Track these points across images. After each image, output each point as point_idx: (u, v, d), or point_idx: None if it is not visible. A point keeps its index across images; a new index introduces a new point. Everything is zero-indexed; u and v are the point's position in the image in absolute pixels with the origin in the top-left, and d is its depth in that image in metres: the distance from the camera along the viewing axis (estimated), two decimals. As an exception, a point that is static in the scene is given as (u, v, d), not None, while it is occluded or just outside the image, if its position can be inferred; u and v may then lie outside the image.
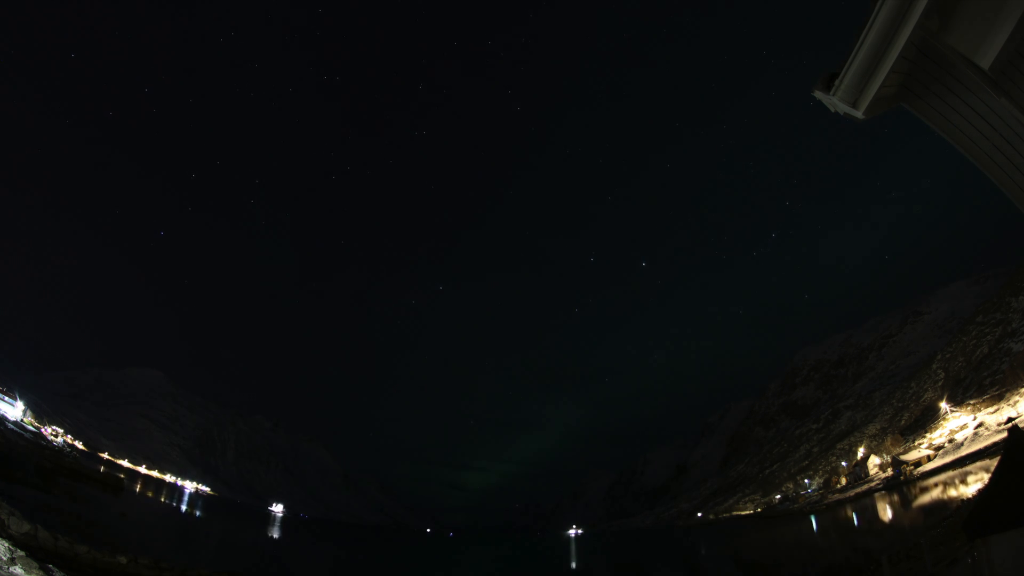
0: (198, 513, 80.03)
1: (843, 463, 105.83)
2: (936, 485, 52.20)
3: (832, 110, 4.49)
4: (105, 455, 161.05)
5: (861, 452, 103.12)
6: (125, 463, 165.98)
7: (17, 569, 13.26)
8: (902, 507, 50.82)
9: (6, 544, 14.63)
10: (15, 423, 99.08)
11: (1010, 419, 58.94)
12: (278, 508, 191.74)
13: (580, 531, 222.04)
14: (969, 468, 52.24)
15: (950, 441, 68.89)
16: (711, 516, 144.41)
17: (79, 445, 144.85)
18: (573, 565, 61.51)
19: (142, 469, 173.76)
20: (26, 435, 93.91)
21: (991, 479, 12.20)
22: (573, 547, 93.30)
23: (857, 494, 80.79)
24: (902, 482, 68.36)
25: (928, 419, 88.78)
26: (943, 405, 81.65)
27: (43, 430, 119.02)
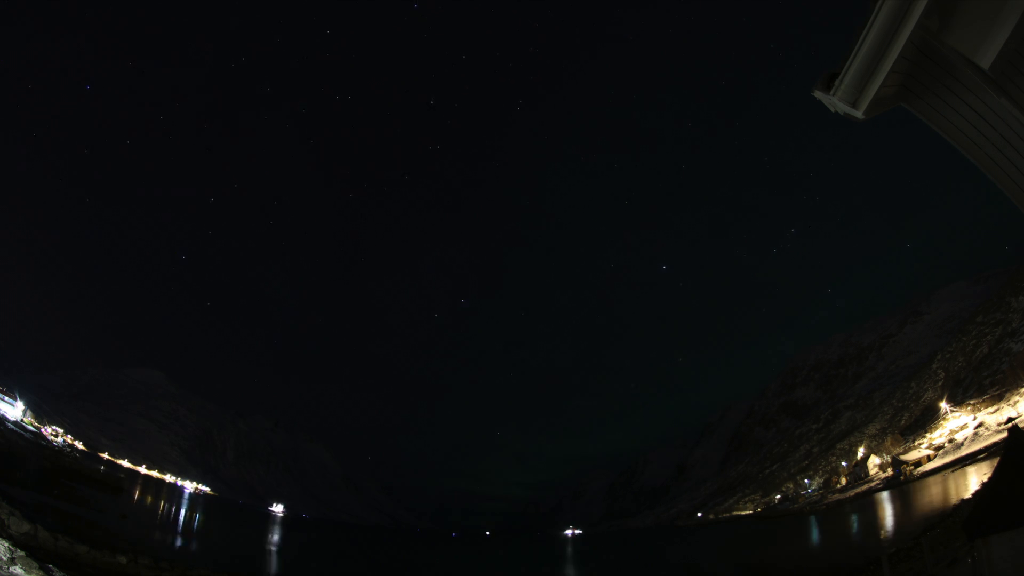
0: (198, 513, 80.00)
1: (843, 463, 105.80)
2: (936, 485, 52.14)
3: (832, 110, 4.48)
4: (105, 455, 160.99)
5: (861, 452, 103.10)
6: (125, 463, 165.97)
7: (17, 569, 13.25)
8: (902, 507, 50.77)
9: (6, 544, 14.63)
10: (15, 423, 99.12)
11: (1010, 419, 58.93)
12: (278, 508, 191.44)
13: (578, 531, 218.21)
14: (969, 468, 52.19)
15: (950, 441, 68.87)
16: (711, 516, 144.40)
17: (79, 445, 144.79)
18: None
19: (142, 469, 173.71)
20: (26, 435, 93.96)
21: (991, 479, 12.19)
22: (569, 552, 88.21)
23: (857, 494, 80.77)
24: (902, 482, 68.34)
25: (928, 419, 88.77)
26: (943, 405, 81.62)
27: (43, 430, 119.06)
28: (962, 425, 70.03)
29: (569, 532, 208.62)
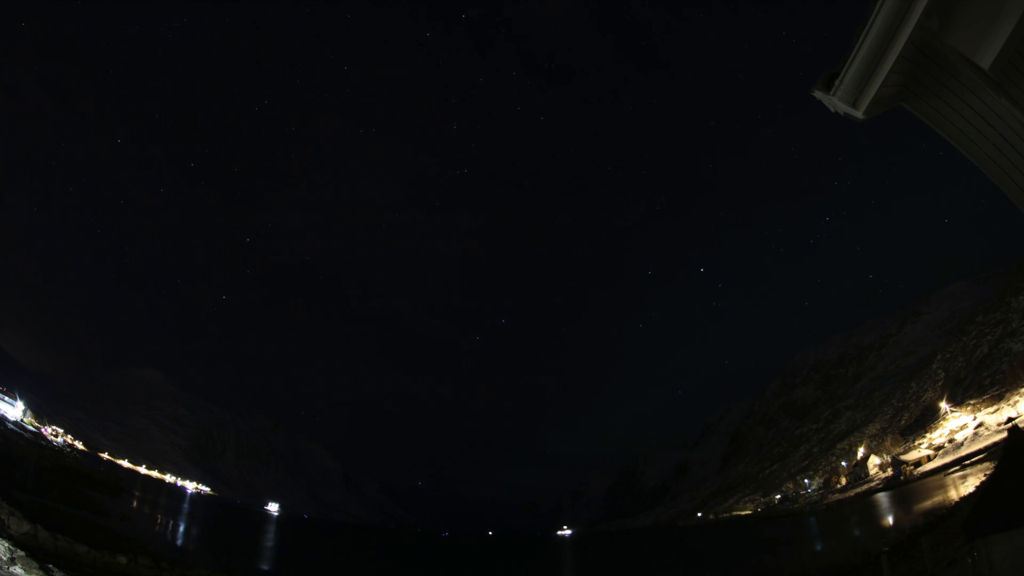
0: (198, 513, 79.96)
1: (843, 463, 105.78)
2: (936, 485, 52.12)
3: (832, 110, 4.48)
4: (105, 455, 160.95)
5: (861, 452, 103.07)
6: (125, 463, 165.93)
7: (17, 569, 13.25)
8: (902, 507, 50.74)
9: (6, 544, 14.62)
10: (15, 423, 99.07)
11: (1010, 419, 58.93)
12: (274, 507, 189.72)
13: (572, 532, 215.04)
14: (969, 468, 52.19)
15: (950, 441, 68.86)
16: (711, 516, 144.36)
17: (79, 445, 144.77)
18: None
19: (142, 469, 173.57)
20: (26, 435, 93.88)
21: (991, 479, 12.19)
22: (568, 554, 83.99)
23: (857, 494, 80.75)
24: (902, 482, 68.35)
25: (928, 419, 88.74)
26: (943, 405, 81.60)
27: (43, 430, 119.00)
28: (962, 425, 70.02)
29: (566, 532, 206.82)
